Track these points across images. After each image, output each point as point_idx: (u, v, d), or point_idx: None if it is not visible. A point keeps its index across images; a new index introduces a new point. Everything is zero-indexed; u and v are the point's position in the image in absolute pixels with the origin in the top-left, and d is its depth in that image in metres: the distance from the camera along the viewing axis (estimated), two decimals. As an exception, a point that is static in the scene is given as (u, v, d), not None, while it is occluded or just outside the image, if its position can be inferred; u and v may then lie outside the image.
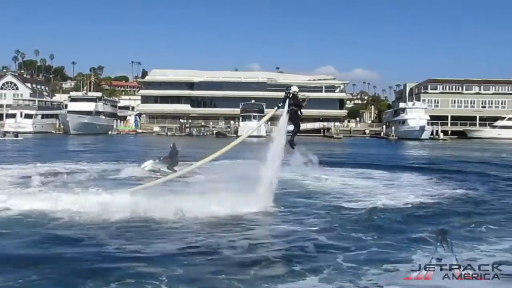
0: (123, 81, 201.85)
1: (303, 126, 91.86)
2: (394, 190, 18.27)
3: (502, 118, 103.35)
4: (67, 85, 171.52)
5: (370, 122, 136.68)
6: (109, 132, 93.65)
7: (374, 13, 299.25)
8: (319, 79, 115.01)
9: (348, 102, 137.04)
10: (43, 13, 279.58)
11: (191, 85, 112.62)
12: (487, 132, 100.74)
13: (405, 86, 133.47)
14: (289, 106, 14.54)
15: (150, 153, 23.64)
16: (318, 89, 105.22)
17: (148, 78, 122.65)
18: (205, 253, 9.30)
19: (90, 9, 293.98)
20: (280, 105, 14.80)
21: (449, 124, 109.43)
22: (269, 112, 15.56)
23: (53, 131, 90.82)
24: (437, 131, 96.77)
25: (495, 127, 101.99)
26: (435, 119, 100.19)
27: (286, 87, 15.57)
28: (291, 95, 14.61)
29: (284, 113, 14.56)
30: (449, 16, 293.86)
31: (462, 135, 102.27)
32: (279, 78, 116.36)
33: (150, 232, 11.02)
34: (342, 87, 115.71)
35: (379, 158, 37.57)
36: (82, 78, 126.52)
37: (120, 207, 12.63)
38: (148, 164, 21.72)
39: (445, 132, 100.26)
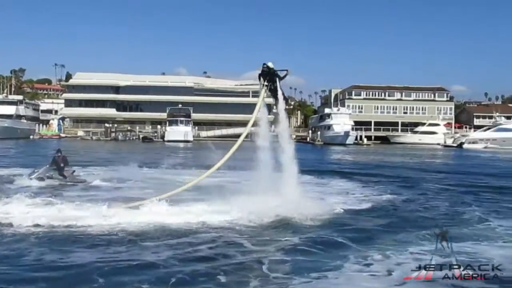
0: (46, 84, 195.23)
1: (228, 131, 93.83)
2: (324, 195, 18.26)
3: (423, 124, 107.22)
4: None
5: (296, 127, 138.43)
6: (31, 137, 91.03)
7: (300, 18, 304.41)
8: (246, 84, 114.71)
9: (275, 107, 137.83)
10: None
11: (116, 89, 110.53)
12: (409, 137, 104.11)
13: (330, 92, 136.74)
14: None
15: (71, 158, 22.75)
16: (245, 94, 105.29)
17: (72, 81, 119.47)
18: (128, 265, 8.84)
19: (9, 9, 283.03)
20: (266, 84, 14.28)
21: (372, 129, 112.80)
22: (260, 96, 14.91)
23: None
24: (361, 136, 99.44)
25: (416, 132, 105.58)
26: (359, 124, 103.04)
27: (263, 64, 14.60)
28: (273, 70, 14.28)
29: (280, 100, 14.26)
30: (372, 23, 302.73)
31: (385, 140, 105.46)
32: (206, 83, 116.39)
33: (75, 240, 10.43)
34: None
35: (307, 163, 37.55)
36: (2, 81, 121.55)
37: (43, 216, 12.04)
38: (41, 171, 21.14)
39: (368, 137, 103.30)
